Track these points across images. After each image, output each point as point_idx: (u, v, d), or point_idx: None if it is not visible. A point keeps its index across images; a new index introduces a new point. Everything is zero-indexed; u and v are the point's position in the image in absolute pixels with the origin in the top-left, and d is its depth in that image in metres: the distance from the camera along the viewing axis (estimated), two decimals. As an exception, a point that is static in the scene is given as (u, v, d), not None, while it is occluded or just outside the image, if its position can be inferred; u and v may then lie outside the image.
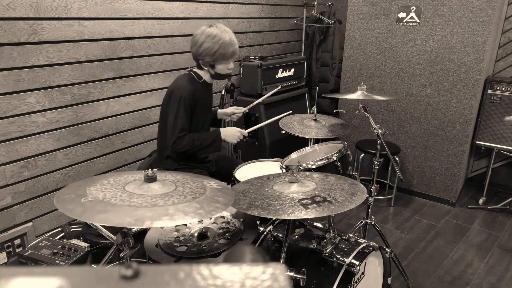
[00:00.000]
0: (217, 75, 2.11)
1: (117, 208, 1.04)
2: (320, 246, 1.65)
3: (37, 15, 2.12)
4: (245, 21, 3.57)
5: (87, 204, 1.07)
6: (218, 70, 2.07)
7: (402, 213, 3.31)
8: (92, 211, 1.04)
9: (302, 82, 3.96)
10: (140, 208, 1.05)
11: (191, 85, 2.06)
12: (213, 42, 1.97)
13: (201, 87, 2.11)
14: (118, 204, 1.07)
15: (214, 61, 2.02)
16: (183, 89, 2.02)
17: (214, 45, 1.97)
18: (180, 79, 2.10)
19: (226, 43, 1.98)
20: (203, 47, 1.98)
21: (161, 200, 1.11)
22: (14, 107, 2.11)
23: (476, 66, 3.02)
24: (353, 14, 3.51)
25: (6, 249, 2.18)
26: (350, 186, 1.46)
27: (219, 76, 2.12)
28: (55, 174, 2.37)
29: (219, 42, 1.97)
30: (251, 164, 2.30)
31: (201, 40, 1.98)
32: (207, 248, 1.48)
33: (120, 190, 1.16)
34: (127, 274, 0.35)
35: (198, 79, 2.11)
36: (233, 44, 2.02)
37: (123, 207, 1.05)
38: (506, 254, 2.76)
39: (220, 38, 1.97)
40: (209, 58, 2.01)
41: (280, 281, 0.36)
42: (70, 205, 1.07)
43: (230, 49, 2.00)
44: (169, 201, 1.11)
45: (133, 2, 2.58)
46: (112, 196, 1.12)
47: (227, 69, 2.08)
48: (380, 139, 2.11)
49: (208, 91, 2.22)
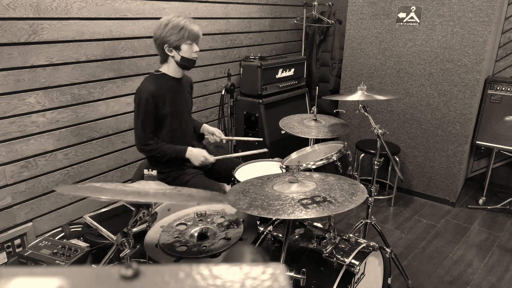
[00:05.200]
0: (183, 60, 2.11)
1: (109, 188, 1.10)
2: (320, 246, 1.65)
3: (37, 15, 2.12)
4: (245, 21, 3.57)
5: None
6: (183, 53, 2.09)
7: (402, 213, 3.31)
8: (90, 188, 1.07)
9: (302, 82, 3.96)
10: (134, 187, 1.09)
11: (153, 85, 2.09)
12: (177, 22, 2.04)
13: (168, 84, 2.14)
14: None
15: (179, 40, 2.06)
16: (143, 91, 2.06)
17: (178, 24, 2.04)
18: (143, 82, 2.14)
19: (189, 24, 2.06)
20: (168, 27, 2.04)
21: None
22: (14, 107, 2.11)
23: (476, 66, 3.02)
24: (353, 14, 3.51)
25: (6, 249, 2.18)
26: (350, 186, 1.46)
27: (186, 61, 2.12)
28: (55, 174, 2.37)
29: (183, 22, 2.05)
30: (251, 164, 2.30)
31: (164, 22, 2.05)
32: (207, 248, 1.48)
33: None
34: (127, 274, 0.35)
35: (162, 76, 2.14)
36: (195, 26, 2.09)
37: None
38: (506, 254, 2.76)
39: (183, 19, 2.06)
40: (174, 37, 2.05)
41: (280, 281, 0.36)
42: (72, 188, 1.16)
43: (193, 29, 2.07)
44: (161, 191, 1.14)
45: (133, 2, 2.58)
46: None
47: (192, 52, 2.11)
48: (380, 139, 2.11)
49: (178, 85, 2.22)
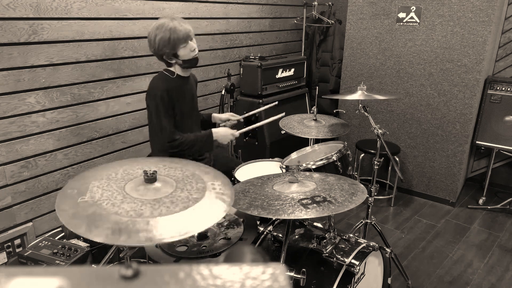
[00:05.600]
0: (185, 62, 2.10)
1: (101, 218, 1.01)
2: (320, 246, 1.65)
3: (37, 15, 2.12)
4: (245, 21, 3.57)
5: (80, 205, 1.05)
6: (183, 57, 2.08)
7: (402, 213, 3.31)
8: (79, 217, 1.01)
9: (302, 82, 3.96)
10: (124, 218, 1.01)
11: (165, 83, 2.09)
12: (163, 31, 2.00)
13: (177, 83, 2.13)
14: (107, 209, 1.04)
15: (173, 48, 2.03)
16: (156, 88, 2.06)
17: (165, 33, 2.00)
18: (153, 80, 2.13)
19: (175, 27, 2.01)
20: (157, 40, 2.01)
21: (150, 207, 1.06)
22: (14, 107, 2.11)
23: (476, 66, 3.02)
24: (353, 14, 3.51)
25: (6, 249, 2.18)
26: (350, 186, 1.46)
27: (188, 63, 2.12)
28: (55, 174, 2.37)
29: (168, 28, 2.00)
30: (251, 164, 2.30)
31: (153, 35, 2.02)
32: (207, 248, 1.48)
33: (119, 189, 1.16)
34: (127, 274, 0.35)
35: (171, 75, 2.13)
36: (182, 26, 2.04)
37: (109, 215, 1.02)
38: (506, 254, 2.76)
39: (168, 25, 2.01)
40: (167, 48, 2.02)
41: (280, 281, 0.36)
42: (65, 204, 1.07)
43: (181, 31, 2.02)
44: (157, 210, 1.05)
45: (133, 2, 2.58)
46: (107, 198, 1.10)
47: (190, 51, 2.09)
48: (380, 139, 2.11)
49: (187, 84, 2.22)
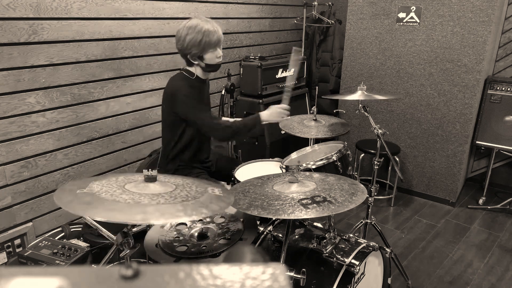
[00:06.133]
0: (208, 66, 2.07)
1: (100, 201, 1.03)
2: (320, 246, 1.65)
3: (37, 15, 2.12)
4: (245, 21, 3.57)
5: (79, 195, 1.07)
6: (208, 61, 2.04)
7: (402, 213, 3.31)
8: (77, 201, 1.04)
9: (302, 82, 3.96)
10: (121, 203, 1.03)
11: (185, 83, 2.05)
12: (196, 32, 1.95)
13: (195, 84, 2.09)
14: (105, 198, 1.06)
15: (201, 51, 2.00)
16: (183, 86, 2.02)
17: (197, 35, 1.95)
18: (174, 79, 2.08)
19: (209, 30, 1.97)
20: (187, 40, 1.97)
21: (149, 199, 1.08)
22: (14, 107, 2.11)
23: (476, 66, 3.02)
24: (353, 14, 3.51)
25: (6, 249, 2.18)
26: (350, 186, 1.46)
27: (211, 67, 2.08)
28: (55, 174, 2.37)
29: (202, 31, 1.95)
30: (251, 164, 2.30)
31: (184, 34, 1.97)
32: (207, 248, 1.48)
33: (120, 187, 1.16)
34: (127, 274, 0.35)
35: (190, 76, 2.08)
36: (216, 31, 2.00)
37: (107, 201, 1.04)
38: (506, 254, 2.76)
39: (202, 27, 1.96)
40: (195, 49, 1.98)
41: (280, 281, 0.36)
42: (63, 194, 1.09)
43: (214, 36, 1.98)
44: (155, 200, 1.08)
45: (133, 2, 2.58)
46: (106, 191, 1.11)
47: (216, 57, 2.05)
48: (380, 139, 2.11)
49: (204, 87, 2.19)
